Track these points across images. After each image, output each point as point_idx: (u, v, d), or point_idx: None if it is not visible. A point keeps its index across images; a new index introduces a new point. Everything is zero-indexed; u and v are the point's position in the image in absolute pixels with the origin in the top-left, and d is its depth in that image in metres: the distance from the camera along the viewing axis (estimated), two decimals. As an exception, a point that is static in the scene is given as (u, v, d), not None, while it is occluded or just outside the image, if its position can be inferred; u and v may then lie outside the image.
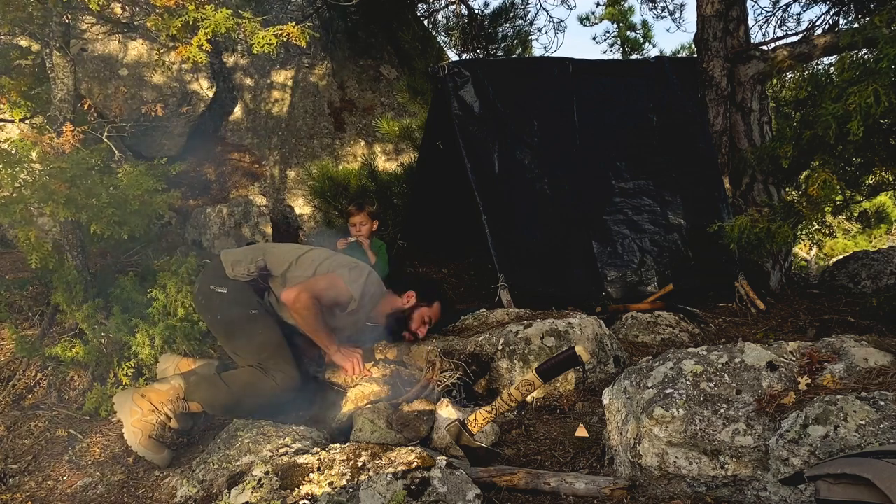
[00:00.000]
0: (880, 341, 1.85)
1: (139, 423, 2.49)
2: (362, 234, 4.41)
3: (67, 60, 3.05)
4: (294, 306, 2.67)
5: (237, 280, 2.72)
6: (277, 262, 2.80)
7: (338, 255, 2.91)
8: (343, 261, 2.86)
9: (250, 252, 2.84)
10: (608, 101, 4.43)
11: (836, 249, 9.19)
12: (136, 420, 2.49)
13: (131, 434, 2.47)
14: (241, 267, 2.75)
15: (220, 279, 2.72)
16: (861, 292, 4.32)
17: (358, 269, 2.83)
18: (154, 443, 2.49)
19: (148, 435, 2.48)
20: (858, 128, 2.76)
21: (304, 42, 2.90)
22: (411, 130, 5.92)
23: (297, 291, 2.66)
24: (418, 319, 2.97)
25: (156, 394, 2.56)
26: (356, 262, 2.88)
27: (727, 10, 4.41)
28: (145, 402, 2.53)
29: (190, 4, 2.71)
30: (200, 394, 2.57)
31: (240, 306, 2.67)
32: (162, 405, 2.53)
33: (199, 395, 2.58)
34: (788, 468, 1.48)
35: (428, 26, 8.16)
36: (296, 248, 2.94)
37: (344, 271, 2.77)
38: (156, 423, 2.51)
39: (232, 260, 2.77)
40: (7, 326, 3.16)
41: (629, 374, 1.94)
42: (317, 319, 2.71)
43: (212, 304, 2.69)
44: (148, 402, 2.52)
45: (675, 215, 4.26)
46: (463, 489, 1.67)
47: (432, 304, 3.02)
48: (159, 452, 2.48)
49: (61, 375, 2.99)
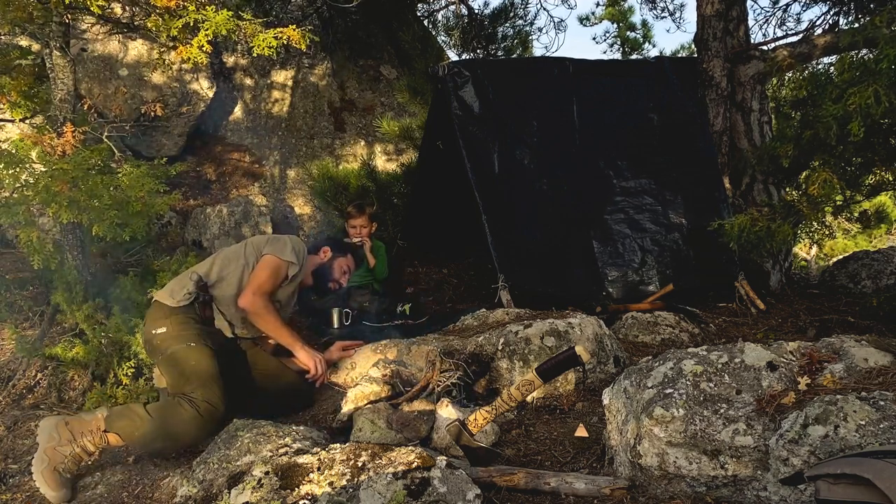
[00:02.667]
0: (880, 341, 1.85)
1: (50, 452, 2.30)
2: (362, 237, 4.42)
3: (67, 60, 3.05)
4: (251, 310, 2.76)
5: (180, 307, 2.70)
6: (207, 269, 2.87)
7: (251, 241, 3.01)
8: (260, 241, 2.99)
9: (184, 273, 2.90)
10: (608, 101, 4.42)
11: (836, 249, 9.19)
12: (49, 448, 2.30)
13: (37, 461, 2.28)
14: (179, 292, 2.75)
15: (158, 320, 2.68)
16: (861, 292, 4.32)
17: (279, 240, 2.97)
18: (55, 476, 2.26)
19: (52, 467, 2.28)
20: (859, 129, 2.76)
21: (304, 45, 2.92)
22: (411, 130, 5.92)
23: (249, 296, 2.75)
24: (338, 269, 3.31)
25: (78, 423, 2.38)
26: (274, 236, 3.03)
27: (727, 10, 4.40)
28: (66, 430, 2.35)
29: (190, 5, 2.72)
30: (119, 424, 2.38)
31: (179, 341, 2.62)
32: (81, 436, 2.35)
33: (118, 425, 2.38)
34: (788, 468, 1.48)
35: (428, 26, 8.16)
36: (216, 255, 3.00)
37: (270, 248, 2.91)
38: (68, 455, 2.31)
39: (168, 290, 2.78)
40: (7, 326, 3.17)
41: (629, 374, 1.94)
42: (276, 318, 2.82)
43: (155, 346, 2.65)
44: (68, 432, 2.34)
45: (676, 215, 4.26)
46: (463, 489, 1.67)
47: (346, 254, 3.35)
48: (56, 489, 2.25)
49: (61, 375, 2.99)
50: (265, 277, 2.81)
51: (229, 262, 2.88)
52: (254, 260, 2.90)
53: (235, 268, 2.86)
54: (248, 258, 2.90)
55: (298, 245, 2.99)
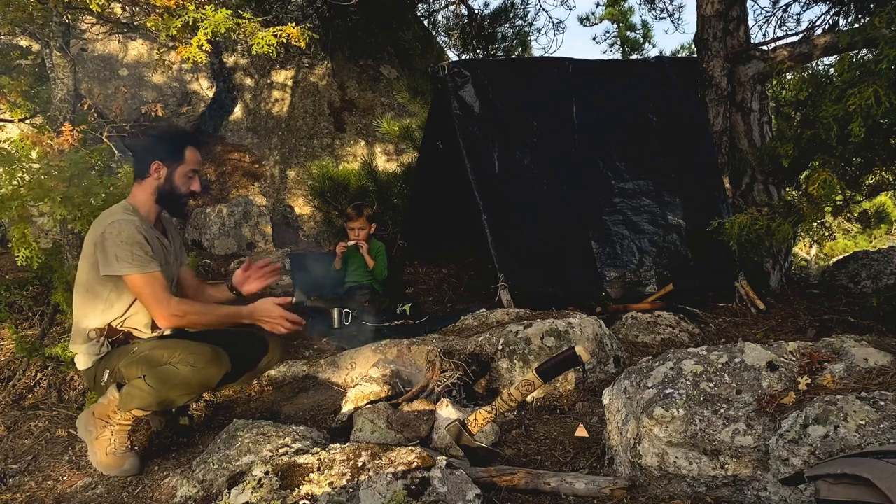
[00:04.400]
0: (880, 341, 1.85)
1: (95, 443, 2.41)
2: (360, 239, 4.43)
3: (67, 60, 3.05)
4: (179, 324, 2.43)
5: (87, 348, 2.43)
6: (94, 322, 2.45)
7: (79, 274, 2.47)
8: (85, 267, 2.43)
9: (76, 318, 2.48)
10: (608, 101, 4.42)
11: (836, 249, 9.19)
12: (92, 440, 2.42)
13: (91, 456, 2.41)
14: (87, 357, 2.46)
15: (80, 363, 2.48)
16: (861, 292, 4.32)
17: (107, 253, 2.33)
18: (111, 458, 2.37)
19: (104, 453, 2.38)
20: (860, 129, 2.76)
21: (304, 43, 2.91)
22: (411, 130, 5.92)
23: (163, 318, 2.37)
24: (181, 178, 2.54)
25: (102, 408, 2.43)
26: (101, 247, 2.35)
27: (727, 10, 4.40)
28: (96, 419, 2.42)
29: (190, 4, 2.72)
30: (133, 403, 2.37)
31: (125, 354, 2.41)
32: (111, 416, 2.41)
33: (132, 404, 2.38)
34: (788, 468, 1.48)
35: (428, 26, 8.16)
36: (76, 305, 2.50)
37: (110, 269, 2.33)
38: (111, 437, 2.39)
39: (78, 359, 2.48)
40: (7, 326, 3.17)
41: (629, 374, 1.94)
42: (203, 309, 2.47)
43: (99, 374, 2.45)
44: (99, 420, 2.42)
45: (675, 216, 4.26)
46: (463, 489, 1.67)
47: (181, 156, 2.54)
48: (120, 465, 2.37)
49: (61, 375, 2.99)
50: (144, 292, 2.35)
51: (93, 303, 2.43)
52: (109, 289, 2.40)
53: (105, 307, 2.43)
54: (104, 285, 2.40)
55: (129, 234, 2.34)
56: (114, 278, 2.35)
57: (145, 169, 2.49)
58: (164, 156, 2.51)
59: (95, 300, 2.40)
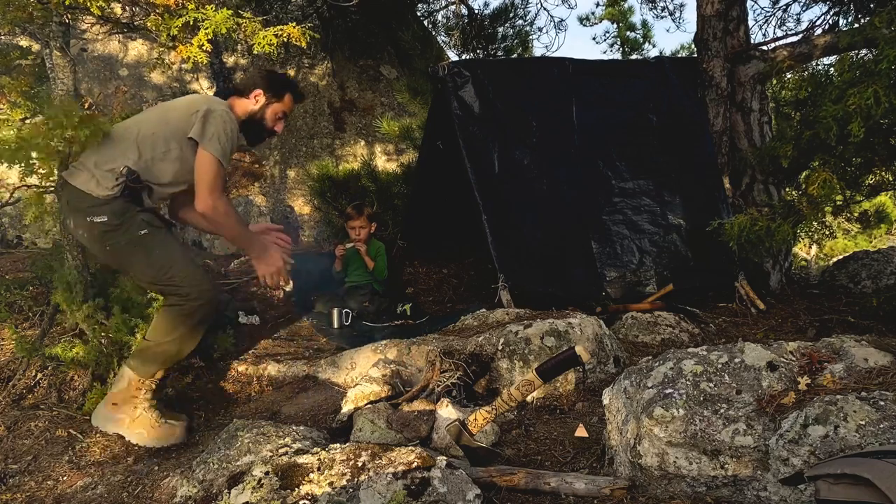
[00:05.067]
0: (880, 341, 1.85)
1: (132, 426, 2.53)
2: (361, 239, 4.42)
3: (67, 60, 3.05)
4: (212, 215, 2.59)
5: (110, 197, 2.49)
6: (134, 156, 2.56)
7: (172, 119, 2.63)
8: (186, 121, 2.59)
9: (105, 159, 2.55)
10: (608, 101, 4.42)
11: (836, 249, 9.19)
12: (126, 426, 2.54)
13: (136, 437, 2.54)
14: (107, 181, 2.50)
15: (93, 207, 2.48)
16: (861, 292, 4.32)
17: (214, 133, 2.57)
18: (160, 430, 2.55)
19: (150, 426, 2.54)
20: (859, 129, 2.76)
21: (304, 42, 2.92)
22: (411, 130, 5.92)
23: (208, 200, 2.56)
24: (272, 116, 2.86)
25: (121, 393, 2.55)
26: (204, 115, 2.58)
27: (727, 10, 4.40)
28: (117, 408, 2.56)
29: (190, 4, 2.72)
30: (151, 368, 2.55)
31: (126, 232, 2.51)
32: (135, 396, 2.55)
33: (149, 370, 2.55)
34: (788, 468, 1.48)
35: (428, 26, 8.15)
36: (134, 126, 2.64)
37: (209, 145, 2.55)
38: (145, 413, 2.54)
39: (93, 179, 2.50)
40: (7, 326, 3.17)
41: (629, 374, 1.94)
42: (237, 222, 2.68)
43: (95, 235, 2.51)
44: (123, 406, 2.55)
45: (675, 216, 4.26)
46: (463, 489, 1.67)
47: (282, 97, 2.86)
48: (173, 433, 2.57)
49: (61, 375, 2.99)
50: (210, 176, 2.55)
51: (154, 145, 2.58)
52: (187, 146, 2.59)
53: (164, 153, 2.58)
54: (180, 142, 2.58)
55: (231, 131, 2.61)
56: (190, 146, 2.57)
57: (248, 90, 2.81)
58: (267, 88, 2.81)
59: (154, 147, 2.56)
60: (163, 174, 2.62)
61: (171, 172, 2.64)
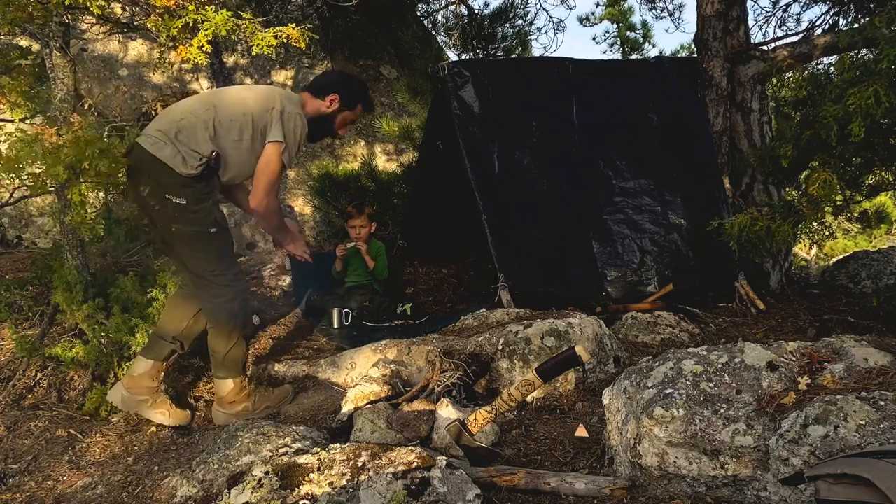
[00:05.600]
0: (880, 341, 1.85)
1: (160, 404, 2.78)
2: (361, 238, 4.42)
3: (67, 60, 3.05)
4: (263, 213, 2.78)
5: (192, 177, 2.57)
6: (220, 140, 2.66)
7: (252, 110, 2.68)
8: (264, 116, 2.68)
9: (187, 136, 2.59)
10: (608, 101, 4.42)
11: (836, 249, 9.19)
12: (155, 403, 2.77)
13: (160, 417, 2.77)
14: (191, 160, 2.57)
15: (175, 187, 2.55)
16: (861, 292, 4.32)
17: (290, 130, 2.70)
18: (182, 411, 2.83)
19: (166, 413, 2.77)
20: (860, 129, 2.75)
21: (303, 44, 2.92)
22: (411, 130, 5.92)
23: (263, 199, 2.72)
24: (341, 122, 2.98)
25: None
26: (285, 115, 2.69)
27: (727, 10, 4.40)
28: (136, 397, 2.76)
29: (190, 5, 2.72)
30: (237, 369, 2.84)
31: (199, 223, 2.61)
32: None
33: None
34: (788, 468, 1.48)
35: (428, 26, 8.15)
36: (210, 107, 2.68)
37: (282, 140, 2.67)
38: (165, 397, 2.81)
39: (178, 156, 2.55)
40: (7, 326, 3.17)
41: (629, 374, 1.94)
42: (280, 219, 2.92)
43: (167, 213, 2.58)
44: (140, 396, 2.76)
45: (676, 215, 4.26)
46: (463, 489, 1.67)
47: (355, 108, 2.98)
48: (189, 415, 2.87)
49: (61, 375, 2.99)
50: (273, 177, 2.70)
51: (229, 131, 2.65)
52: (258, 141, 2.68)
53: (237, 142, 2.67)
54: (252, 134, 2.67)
55: (301, 135, 2.75)
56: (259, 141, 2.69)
57: (324, 92, 2.89)
58: (344, 95, 2.91)
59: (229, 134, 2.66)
60: (230, 161, 2.71)
61: (236, 161, 2.71)
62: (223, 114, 2.65)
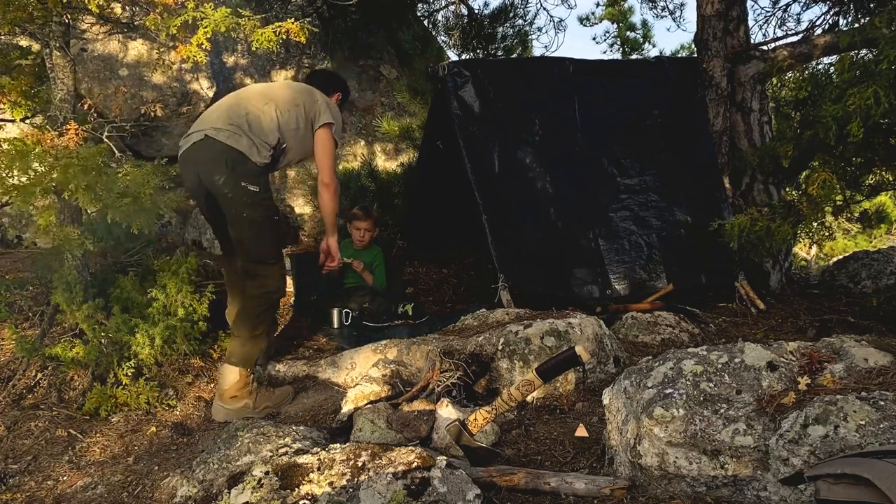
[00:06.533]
0: (880, 341, 1.85)
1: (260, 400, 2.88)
2: (364, 241, 4.40)
3: (67, 60, 3.05)
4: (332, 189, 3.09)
5: (263, 166, 2.88)
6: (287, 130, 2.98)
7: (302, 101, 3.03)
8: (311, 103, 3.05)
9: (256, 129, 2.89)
10: (608, 100, 4.42)
11: (836, 249, 9.19)
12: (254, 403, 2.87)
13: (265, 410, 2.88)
14: (263, 151, 2.87)
15: (250, 175, 2.81)
16: (861, 292, 4.32)
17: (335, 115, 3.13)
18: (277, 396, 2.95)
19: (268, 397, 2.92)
20: (859, 129, 2.75)
21: (304, 38, 2.93)
22: (411, 130, 5.91)
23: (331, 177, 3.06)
24: None
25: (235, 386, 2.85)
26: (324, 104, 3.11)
27: (727, 10, 4.40)
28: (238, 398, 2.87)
29: (189, 3, 2.72)
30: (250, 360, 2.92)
31: (267, 210, 2.89)
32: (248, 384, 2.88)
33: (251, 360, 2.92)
34: (788, 468, 1.48)
35: (428, 26, 8.14)
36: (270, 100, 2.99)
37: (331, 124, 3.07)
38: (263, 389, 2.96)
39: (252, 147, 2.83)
40: (7, 326, 3.17)
41: (629, 374, 1.94)
42: (338, 202, 3.22)
43: (240, 199, 2.80)
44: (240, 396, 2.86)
45: (680, 212, 4.26)
46: (463, 489, 1.67)
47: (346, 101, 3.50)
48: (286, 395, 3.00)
49: (61, 375, 2.99)
50: (333, 154, 3.08)
51: (289, 121, 2.97)
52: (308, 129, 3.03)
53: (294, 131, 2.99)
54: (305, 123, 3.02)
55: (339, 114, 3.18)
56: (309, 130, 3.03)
57: (332, 90, 3.33)
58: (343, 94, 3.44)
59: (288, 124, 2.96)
60: (289, 149, 3.01)
61: (293, 147, 3.03)
62: (282, 106, 2.95)
